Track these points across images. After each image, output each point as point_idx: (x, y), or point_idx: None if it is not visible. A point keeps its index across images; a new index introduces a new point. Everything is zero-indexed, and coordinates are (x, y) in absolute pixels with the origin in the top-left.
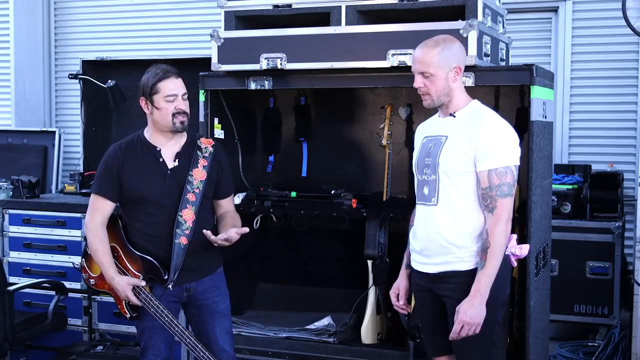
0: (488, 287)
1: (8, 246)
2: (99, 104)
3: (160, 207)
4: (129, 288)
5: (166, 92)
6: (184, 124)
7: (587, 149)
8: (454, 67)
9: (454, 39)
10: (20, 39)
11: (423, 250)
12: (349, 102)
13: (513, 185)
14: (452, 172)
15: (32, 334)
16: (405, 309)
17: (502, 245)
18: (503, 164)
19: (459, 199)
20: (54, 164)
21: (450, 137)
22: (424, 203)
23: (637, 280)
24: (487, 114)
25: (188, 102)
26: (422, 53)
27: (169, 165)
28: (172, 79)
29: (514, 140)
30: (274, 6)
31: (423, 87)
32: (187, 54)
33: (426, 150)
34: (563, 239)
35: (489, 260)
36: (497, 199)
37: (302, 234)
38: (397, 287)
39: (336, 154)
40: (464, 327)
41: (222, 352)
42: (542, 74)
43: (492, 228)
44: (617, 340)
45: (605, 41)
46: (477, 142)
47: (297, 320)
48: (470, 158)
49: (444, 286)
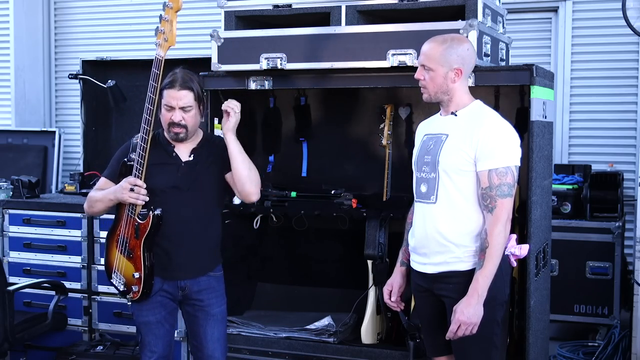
0: (486, 287)
1: (8, 246)
2: (99, 104)
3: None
4: (127, 187)
5: (166, 100)
6: (179, 136)
7: (587, 149)
8: (454, 68)
9: (465, 40)
10: (20, 39)
11: (421, 248)
12: (349, 102)
13: (513, 185)
14: (452, 170)
15: (32, 334)
16: (397, 306)
17: (501, 246)
18: (504, 164)
19: (458, 197)
20: (54, 164)
21: (451, 135)
22: (421, 201)
23: (637, 280)
24: (488, 114)
25: (191, 113)
26: (428, 46)
27: (182, 159)
28: (173, 90)
29: (515, 140)
30: (274, 6)
31: (422, 80)
32: (187, 54)
33: (426, 148)
34: (563, 239)
35: (487, 260)
36: (496, 199)
37: (302, 234)
38: (391, 284)
39: (336, 154)
40: (460, 326)
41: (210, 357)
42: (542, 74)
43: (491, 228)
44: (617, 340)
45: (605, 41)
46: (478, 141)
47: (297, 320)
48: (471, 157)
49: (443, 286)
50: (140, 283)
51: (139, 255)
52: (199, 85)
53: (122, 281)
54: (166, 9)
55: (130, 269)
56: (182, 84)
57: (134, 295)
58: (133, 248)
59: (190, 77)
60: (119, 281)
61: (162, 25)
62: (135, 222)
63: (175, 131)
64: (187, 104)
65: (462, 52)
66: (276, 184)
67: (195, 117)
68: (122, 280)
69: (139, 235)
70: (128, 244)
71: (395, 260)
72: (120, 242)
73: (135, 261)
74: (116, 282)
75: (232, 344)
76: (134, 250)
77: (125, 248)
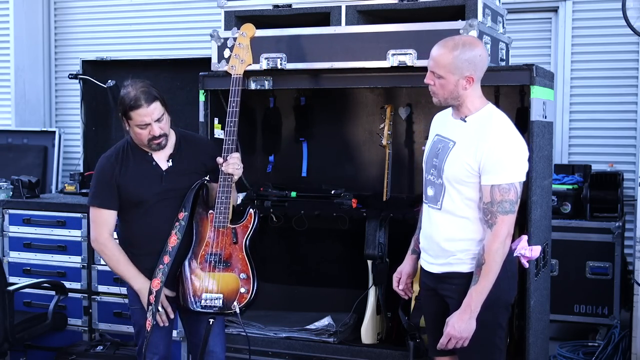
0: (479, 303)
1: (8, 246)
2: (99, 104)
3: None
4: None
5: (138, 121)
6: (161, 145)
7: (587, 149)
8: (466, 76)
9: (477, 44)
10: (20, 39)
11: (428, 249)
12: (349, 102)
13: (516, 202)
14: (456, 181)
15: (32, 334)
16: (405, 293)
17: (497, 264)
18: (507, 180)
19: (462, 206)
20: (54, 164)
21: (458, 143)
22: (428, 204)
23: (637, 280)
24: (496, 124)
25: (165, 119)
26: (437, 52)
27: (162, 167)
28: (142, 109)
29: (522, 155)
30: (274, 6)
31: (432, 86)
32: (187, 54)
33: (435, 150)
34: (563, 239)
35: (482, 277)
36: (497, 215)
37: (302, 234)
38: (400, 272)
39: (336, 154)
40: (450, 340)
41: (211, 353)
42: (542, 74)
43: (489, 245)
44: (617, 340)
45: (605, 41)
46: (482, 154)
47: (297, 320)
48: (474, 170)
49: (447, 286)
50: (249, 283)
51: (241, 257)
52: (152, 86)
53: (219, 297)
54: (240, 37)
55: (229, 278)
56: (147, 98)
57: (244, 298)
58: (230, 256)
59: (145, 86)
60: (213, 300)
61: (236, 51)
62: (228, 229)
63: (157, 142)
64: (160, 114)
65: (474, 59)
66: (276, 184)
67: (168, 119)
68: (217, 297)
69: (237, 239)
70: (221, 255)
71: (395, 260)
72: (208, 260)
73: (236, 265)
74: (209, 303)
75: (232, 344)
76: (231, 258)
77: (217, 262)
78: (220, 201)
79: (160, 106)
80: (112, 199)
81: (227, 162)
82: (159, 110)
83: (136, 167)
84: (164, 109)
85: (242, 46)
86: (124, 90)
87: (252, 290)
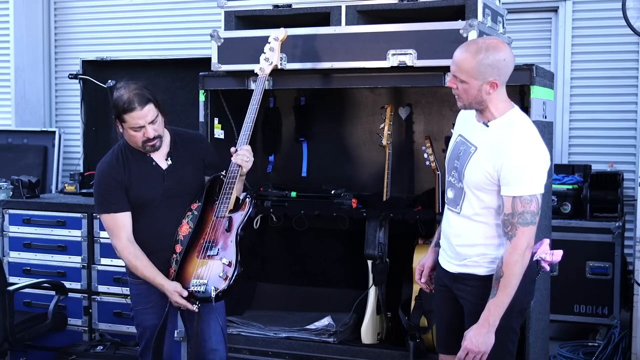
0: (498, 317)
1: (8, 246)
2: (99, 104)
3: (162, 207)
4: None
5: (132, 124)
6: (155, 146)
7: (587, 149)
8: (489, 81)
9: (502, 47)
10: (20, 39)
11: (446, 249)
12: (349, 102)
13: (537, 213)
14: (476, 187)
15: (32, 334)
16: (427, 287)
17: (516, 277)
18: (529, 192)
19: (481, 212)
20: (54, 164)
21: (479, 149)
22: (447, 206)
23: (637, 280)
24: (517, 132)
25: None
26: (460, 57)
27: (162, 167)
28: (136, 112)
29: (543, 165)
30: (274, 6)
31: (456, 89)
32: (187, 54)
33: (457, 152)
34: (563, 239)
35: (500, 290)
36: (517, 227)
37: (302, 234)
38: (422, 264)
39: (336, 154)
40: (468, 354)
41: (214, 351)
42: (542, 74)
43: (507, 257)
44: (617, 340)
45: (605, 41)
46: (501, 164)
47: (297, 320)
48: (494, 178)
49: (461, 287)
50: (229, 269)
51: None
52: (145, 88)
53: (204, 283)
54: (272, 41)
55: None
56: (140, 101)
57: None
58: (220, 243)
59: (138, 89)
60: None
61: (267, 54)
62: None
63: (152, 144)
64: (153, 115)
65: (498, 63)
66: (276, 184)
67: (162, 120)
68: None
69: (230, 227)
70: (214, 242)
71: (395, 260)
72: (204, 247)
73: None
74: (195, 288)
75: (232, 344)
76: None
77: (208, 248)
78: (224, 191)
79: (153, 108)
80: (123, 201)
81: (237, 153)
82: (153, 112)
83: (138, 169)
84: (157, 111)
85: (273, 49)
86: (116, 93)
87: (232, 276)
